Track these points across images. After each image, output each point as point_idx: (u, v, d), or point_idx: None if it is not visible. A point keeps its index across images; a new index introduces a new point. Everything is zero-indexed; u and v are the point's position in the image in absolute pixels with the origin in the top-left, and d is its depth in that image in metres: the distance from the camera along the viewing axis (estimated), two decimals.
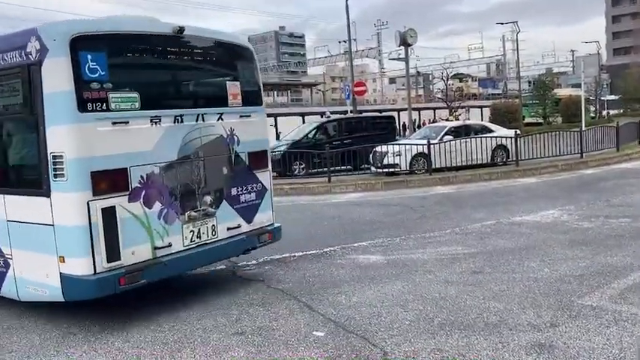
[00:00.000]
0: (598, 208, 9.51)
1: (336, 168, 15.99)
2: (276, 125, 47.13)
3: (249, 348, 4.29)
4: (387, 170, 15.72)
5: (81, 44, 4.72)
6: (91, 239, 4.65)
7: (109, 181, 4.81)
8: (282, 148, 18.29)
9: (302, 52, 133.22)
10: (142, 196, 5.06)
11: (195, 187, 5.57)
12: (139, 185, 5.04)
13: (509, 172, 15.06)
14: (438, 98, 53.43)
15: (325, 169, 15.45)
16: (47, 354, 4.44)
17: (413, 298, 5.25)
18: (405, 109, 26.10)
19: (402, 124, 47.21)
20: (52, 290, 4.87)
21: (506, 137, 16.61)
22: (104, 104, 4.80)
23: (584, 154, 16.48)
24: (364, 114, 28.02)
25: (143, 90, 5.20)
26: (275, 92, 74.36)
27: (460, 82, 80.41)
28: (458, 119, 33.58)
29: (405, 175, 15.21)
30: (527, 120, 40.17)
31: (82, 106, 4.66)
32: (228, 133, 5.96)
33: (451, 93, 47.49)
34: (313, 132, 19.30)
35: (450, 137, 15.99)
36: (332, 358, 4.01)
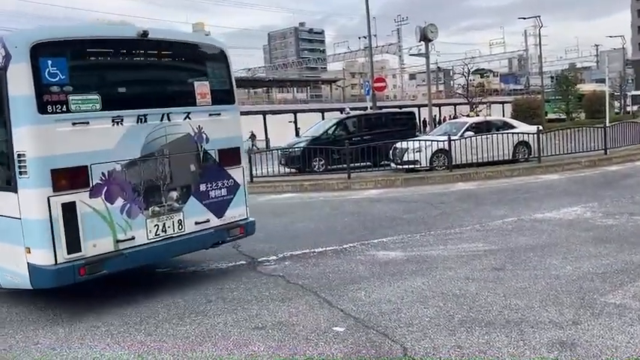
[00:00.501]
0: (622, 205, 9.36)
1: (356, 164, 15.96)
2: (295, 121, 47.29)
3: (270, 342, 4.32)
4: (407, 167, 15.65)
5: (41, 51, 5.04)
6: (52, 232, 4.99)
7: (69, 178, 5.14)
8: (302, 145, 18.34)
9: (322, 49, 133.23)
10: (103, 192, 5.36)
11: (160, 184, 5.83)
12: (100, 182, 5.34)
13: (531, 169, 14.89)
14: (459, 94, 52.99)
15: (345, 165, 15.45)
16: (72, 346, 4.52)
17: (433, 294, 5.23)
18: (426, 105, 25.96)
19: (422, 120, 46.97)
20: (22, 278, 5.23)
21: (528, 133, 16.41)
22: (64, 106, 5.12)
23: (608, 151, 16.22)
24: (384, 110, 27.93)
25: (105, 92, 5.52)
26: (295, 88, 74.41)
27: (481, 77, 79.71)
28: (479, 115, 33.31)
29: (425, 172, 15.13)
30: (550, 116, 39.60)
31: (42, 108, 5.00)
32: (196, 131, 6.18)
33: (472, 89, 47.05)
34: (333, 128, 19.31)
35: (471, 133, 15.85)
36: (352, 354, 4.01)
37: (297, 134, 27.51)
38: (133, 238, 5.53)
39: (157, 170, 5.82)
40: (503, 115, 41.42)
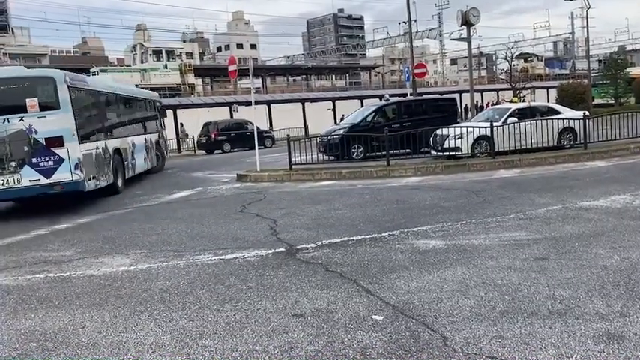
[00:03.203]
0: None
1: (395, 151, 15.84)
2: (334, 109, 47.15)
3: (308, 330, 4.34)
4: (447, 154, 15.45)
5: None
6: None
7: None
8: (341, 132, 18.29)
9: (361, 35, 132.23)
10: None
11: (3, 158, 11.18)
12: None
13: (576, 156, 14.48)
14: (502, 79, 51.80)
15: (384, 152, 15.35)
16: (117, 330, 4.65)
17: (474, 284, 5.15)
18: (467, 91, 25.46)
19: (463, 106, 46.15)
20: None
21: (573, 119, 15.95)
22: None
23: None
24: (424, 96, 27.56)
25: None
26: (333, 75, 74.19)
27: (525, 62, 77.67)
28: (524, 101, 32.46)
29: (466, 159, 14.90)
30: (597, 101, 38.35)
31: None
32: (27, 127, 11.17)
33: (515, 74, 45.93)
34: (372, 115, 19.17)
35: (515, 119, 15.51)
36: (391, 342, 3.99)
37: (341, 120, 27.31)
38: None
39: (1, 150, 11.14)
40: (548, 101, 40.37)
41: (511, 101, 32.94)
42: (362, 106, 33.92)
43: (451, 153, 15.38)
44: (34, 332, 4.74)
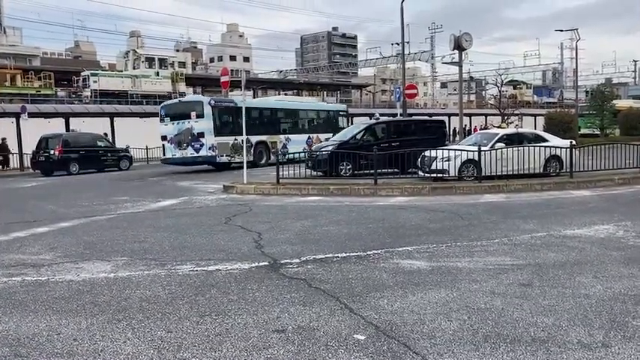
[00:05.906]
0: None
1: (383, 170, 15.87)
2: None
3: (289, 347, 4.27)
4: (434, 175, 15.50)
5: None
6: (163, 149, 26.39)
7: (164, 138, 25.76)
8: (329, 148, 18.30)
9: (353, 54, 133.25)
10: (171, 141, 24.98)
11: (181, 141, 24.51)
12: (169, 139, 25.09)
13: (562, 184, 14.60)
14: (491, 104, 52.36)
15: (372, 171, 15.37)
16: (93, 338, 4.54)
17: (457, 307, 5.12)
18: (456, 114, 25.68)
19: (452, 129, 46.51)
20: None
21: (560, 147, 16.12)
22: (162, 120, 25.67)
23: None
24: (414, 117, 27.72)
25: (171, 116, 25.23)
26: (324, 92, 74.51)
27: (514, 88, 78.72)
28: (517, 127, 32.75)
29: (453, 182, 14.96)
30: (583, 131, 38.86)
31: (162, 118, 26.03)
32: (190, 126, 24.25)
33: (504, 100, 46.46)
34: (361, 133, 19.25)
35: (502, 145, 15.63)
36: None
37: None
38: (175, 155, 24.84)
39: (180, 137, 24.51)
40: (535, 128, 40.83)
41: (499, 127, 33.26)
42: (351, 123, 34.05)
43: (438, 175, 15.44)
44: (7, 337, 4.62)
